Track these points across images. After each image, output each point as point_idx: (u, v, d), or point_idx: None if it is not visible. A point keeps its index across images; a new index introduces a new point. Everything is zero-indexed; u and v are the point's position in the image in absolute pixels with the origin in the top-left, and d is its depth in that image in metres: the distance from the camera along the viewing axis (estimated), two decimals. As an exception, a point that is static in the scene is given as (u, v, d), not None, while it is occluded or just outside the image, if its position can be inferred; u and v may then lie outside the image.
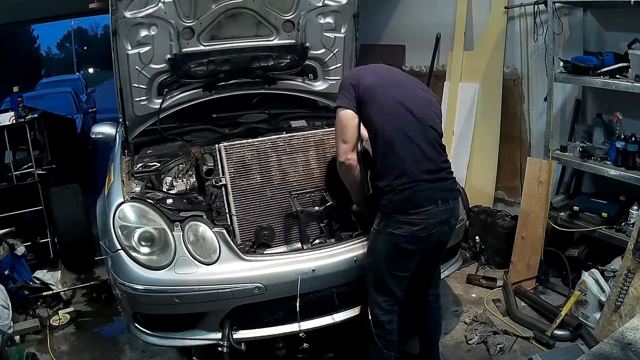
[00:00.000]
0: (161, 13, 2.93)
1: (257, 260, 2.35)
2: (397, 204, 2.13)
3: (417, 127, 2.16)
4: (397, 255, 2.18)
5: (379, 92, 2.20)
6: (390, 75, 2.31)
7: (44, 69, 26.30)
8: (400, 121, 2.15)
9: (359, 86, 2.21)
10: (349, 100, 2.21)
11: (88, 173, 5.84)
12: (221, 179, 2.57)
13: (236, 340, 2.31)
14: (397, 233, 2.12)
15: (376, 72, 2.33)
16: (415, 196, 2.11)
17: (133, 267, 2.25)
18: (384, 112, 2.17)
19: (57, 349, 3.04)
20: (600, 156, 3.10)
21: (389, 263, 2.19)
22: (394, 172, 2.13)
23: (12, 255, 3.54)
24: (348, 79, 2.31)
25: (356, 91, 2.21)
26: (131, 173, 2.71)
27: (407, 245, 2.14)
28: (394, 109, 2.17)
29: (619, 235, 2.95)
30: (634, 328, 1.69)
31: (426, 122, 2.19)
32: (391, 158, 2.14)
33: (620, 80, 2.88)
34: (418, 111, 2.18)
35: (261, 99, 3.69)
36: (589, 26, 3.32)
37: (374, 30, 5.24)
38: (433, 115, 2.25)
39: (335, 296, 2.42)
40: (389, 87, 2.23)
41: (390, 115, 2.16)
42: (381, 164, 2.18)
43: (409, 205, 2.11)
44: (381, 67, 2.38)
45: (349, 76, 2.36)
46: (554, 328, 2.84)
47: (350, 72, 2.33)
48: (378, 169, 2.20)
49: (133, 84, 3.09)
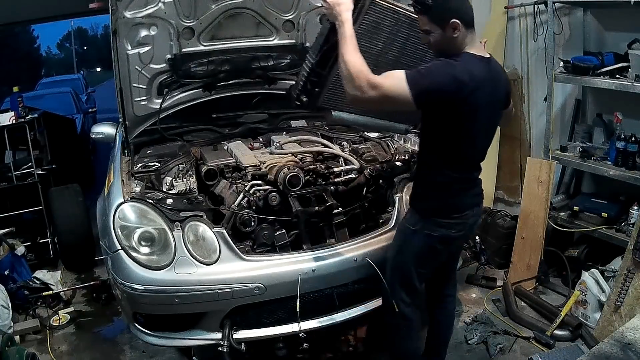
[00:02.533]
0: (161, 13, 2.93)
1: (257, 260, 2.35)
2: (443, 207, 2.07)
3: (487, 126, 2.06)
4: (428, 256, 2.16)
5: (477, 117, 1.99)
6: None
7: (44, 69, 26.30)
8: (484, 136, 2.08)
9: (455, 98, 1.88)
10: (427, 99, 1.86)
11: (88, 173, 5.84)
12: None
13: (236, 340, 2.30)
14: (434, 235, 2.08)
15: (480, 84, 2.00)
16: (461, 201, 2.08)
17: (133, 267, 2.25)
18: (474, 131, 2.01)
19: (57, 349, 3.04)
20: (600, 156, 3.10)
21: (419, 262, 2.17)
22: (458, 168, 2.03)
23: (12, 255, 3.53)
24: (462, 77, 1.86)
25: (446, 97, 1.87)
26: (131, 173, 2.71)
27: (441, 246, 2.12)
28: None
29: (619, 235, 2.95)
30: (634, 328, 1.69)
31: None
32: (458, 161, 2.03)
33: (620, 80, 2.89)
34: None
35: (261, 99, 3.69)
36: (589, 26, 3.32)
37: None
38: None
39: (335, 296, 2.42)
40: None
41: (479, 131, 2.03)
42: (454, 153, 2.01)
43: (454, 209, 2.07)
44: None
45: (464, 76, 1.87)
46: (554, 328, 2.84)
47: (465, 70, 1.87)
48: (443, 155, 2.02)
49: (133, 84, 3.09)
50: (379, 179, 2.79)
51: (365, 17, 1.99)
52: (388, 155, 3.03)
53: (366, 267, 2.40)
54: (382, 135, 3.29)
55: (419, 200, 2.16)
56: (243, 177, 2.74)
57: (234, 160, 2.90)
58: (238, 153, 2.95)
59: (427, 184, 2.12)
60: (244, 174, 2.75)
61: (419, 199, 2.15)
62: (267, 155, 2.92)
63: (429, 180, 2.10)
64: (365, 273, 2.43)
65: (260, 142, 3.20)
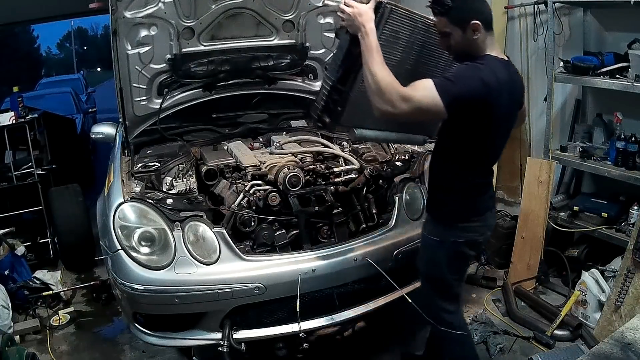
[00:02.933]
0: (161, 13, 2.93)
1: (257, 260, 2.35)
2: (463, 211, 2.04)
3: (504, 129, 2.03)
4: (460, 262, 2.15)
5: (501, 123, 1.98)
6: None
7: (44, 69, 26.33)
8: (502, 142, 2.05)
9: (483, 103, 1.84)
10: (457, 106, 1.79)
11: (88, 173, 5.84)
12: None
13: (236, 340, 2.30)
14: (460, 241, 2.05)
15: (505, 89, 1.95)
16: (481, 204, 2.07)
17: (133, 267, 2.25)
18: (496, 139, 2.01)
19: (57, 349, 3.04)
20: (600, 156, 3.10)
21: (452, 270, 2.14)
22: (478, 171, 2.02)
23: (12, 255, 3.53)
24: (489, 81, 1.81)
25: (476, 102, 1.83)
26: (131, 173, 2.71)
27: (469, 250, 2.10)
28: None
29: (619, 235, 2.95)
30: (634, 328, 1.69)
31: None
32: (479, 163, 2.01)
33: (620, 80, 2.88)
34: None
35: (261, 99, 3.69)
36: (589, 26, 3.32)
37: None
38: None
39: (335, 296, 2.42)
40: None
41: (501, 138, 2.03)
42: (475, 157, 1.98)
43: (474, 212, 2.05)
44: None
45: (491, 79, 1.81)
46: (554, 328, 2.84)
47: (491, 72, 1.82)
48: (463, 160, 1.98)
49: (133, 84, 3.09)
50: (379, 179, 2.79)
51: (386, 27, 1.93)
52: (388, 155, 3.03)
53: (366, 267, 2.41)
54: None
55: (438, 208, 2.12)
56: (243, 177, 2.74)
57: (234, 160, 2.91)
58: (238, 153, 2.95)
59: (445, 191, 2.07)
60: (244, 174, 2.76)
61: (438, 207, 2.12)
62: (267, 155, 2.92)
63: (447, 186, 2.06)
64: (365, 273, 2.43)
65: (260, 142, 3.20)
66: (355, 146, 3.15)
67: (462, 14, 1.81)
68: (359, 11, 1.83)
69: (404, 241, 2.53)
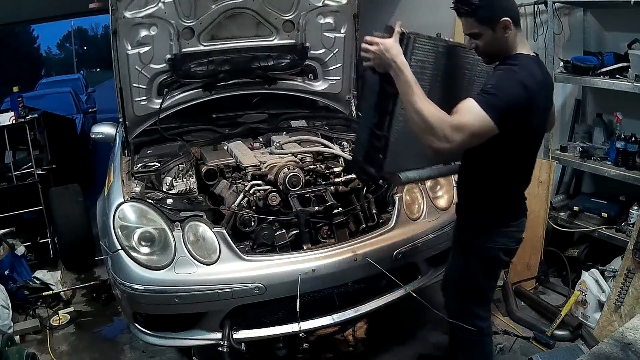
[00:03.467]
0: (161, 13, 2.93)
1: (257, 260, 2.35)
2: (499, 217, 1.98)
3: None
4: (494, 266, 2.11)
5: (539, 124, 1.92)
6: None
7: (44, 69, 26.31)
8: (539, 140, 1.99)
9: (527, 106, 1.76)
10: (504, 119, 1.68)
11: (88, 173, 5.84)
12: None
13: (236, 340, 2.30)
14: (495, 246, 2.00)
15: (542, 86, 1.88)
16: (516, 209, 2.02)
17: (133, 267, 2.25)
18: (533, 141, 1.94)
19: (57, 349, 3.04)
20: (600, 156, 3.10)
21: (487, 275, 2.11)
22: (514, 177, 1.95)
23: (12, 255, 3.54)
24: (530, 85, 1.72)
25: (520, 107, 1.73)
26: (131, 173, 2.71)
27: (504, 256, 2.06)
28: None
29: (619, 235, 2.95)
30: (634, 328, 1.69)
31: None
32: (521, 168, 1.95)
33: (620, 80, 2.88)
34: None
35: (261, 99, 3.69)
36: (589, 26, 3.32)
37: (374, 30, 5.23)
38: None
39: (335, 296, 2.42)
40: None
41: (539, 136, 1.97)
42: (513, 163, 1.89)
43: (511, 218, 2.00)
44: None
45: (530, 81, 1.73)
46: (554, 328, 2.84)
47: (529, 73, 1.74)
48: (503, 168, 1.89)
49: (133, 84, 3.09)
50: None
51: (412, 58, 1.77)
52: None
53: (366, 267, 2.40)
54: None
55: (472, 215, 2.06)
56: (243, 177, 2.74)
57: (234, 160, 2.91)
58: (238, 153, 2.95)
59: (480, 198, 2.00)
60: (244, 174, 2.76)
61: (473, 214, 2.05)
62: (267, 155, 2.92)
63: (482, 193, 1.98)
64: (365, 273, 2.43)
65: (260, 142, 3.20)
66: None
67: (490, 12, 1.71)
68: (386, 46, 1.68)
69: (404, 241, 2.53)
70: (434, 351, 2.81)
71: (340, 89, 3.72)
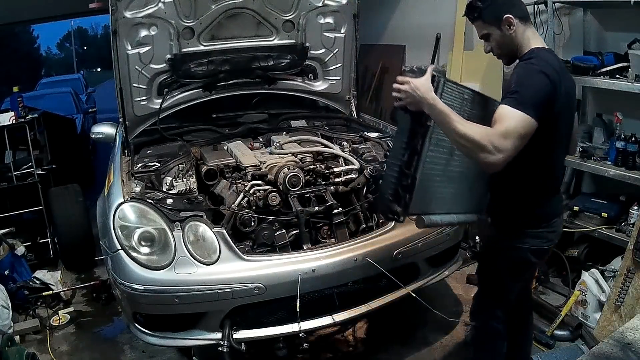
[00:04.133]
0: (161, 13, 2.93)
1: (257, 260, 2.35)
2: (532, 217, 1.95)
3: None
4: (522, 269, 2.09)
5: (568, 107, 1.89)
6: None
7: (44, 69, 26.33)
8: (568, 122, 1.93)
9: (555, 94, 1.76)
10: (542, 111, 1.70)
11: (88, 173, 5.84)
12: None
13: (236, 340, 2.30)
14: (524, 247, 1.96)
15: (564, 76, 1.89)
16: (549, 209, 1.98)
17: (133, 267, 2.25)
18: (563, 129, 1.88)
19: (57, 349, 3.03)
20: (600, 156, 3.10)
21: (514, 277, 2.08)
22: (547, 180, 1.93)
23: (12, 255, 3.53)
24: (552, 75, 1.74)
25: (550, 98, 1.74)
26: (131, 173, 2.71)
27: (534, 258, 2.02)
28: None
29: (619, 235, 2.95)
30: (634, 328, 1.69)
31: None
32: (548, 163, 1.90)
33: (620, 80, 2.89)
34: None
35: (261, 99, 3.69)
36: (589, 26, 3.32)
37: (374, 30, 5.24)
38: None
39: (335, 296, 2.42)
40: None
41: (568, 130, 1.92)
42: (544, 159, 1.87)
43: (543, 219, 1.96)
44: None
45: (551, 71, 1.75)
46: (554, 328, 2.84)
47: (548, 64, 1.76)
48: (527, 174, 1.88)
49: (133, 84, 3.09)
50: (379, 179, 2.79)
51: (442, 99, 1.80)
52: (388, 155, 3.03)
53: (366, 267, 2.40)
54: (382, 135, 3.29)
55: (502, 212, 2.02)
56: (243, 177, 2.74)
57: (234, 160, 2.90)
58: (238, 153, 2.95)
59: (511, 198, 1.97)
60: (244, 174, 2.75)
61: (503, 211, 2.02)
62: (267, 155, 2.92)
63: (513, 193, 1.96)
64: (365, 273, 2.43)
65: (260, 142, 3.20)
66: (355, 146, 3.15)
67: (493, 11, 1.81)
68: (416, 85, 1.72)
69: (403, 241, 2.52)
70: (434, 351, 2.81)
71: (340, 89, 3.72)
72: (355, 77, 3.71)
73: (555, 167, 1.97)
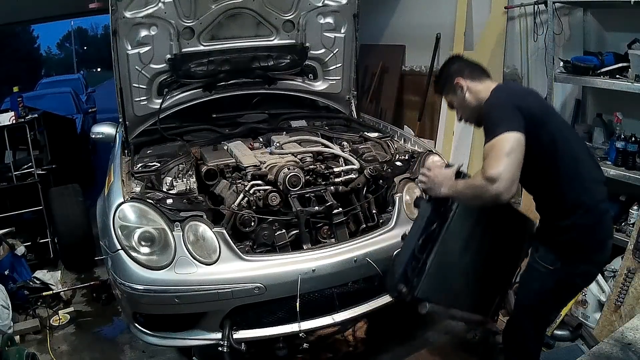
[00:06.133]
0: (161, 13, 2.93)
1: (257, 260, 2.35)
2: (583, 244, 1.87)
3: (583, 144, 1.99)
4: (568, 294, 2.07)
5: (551, 112, 1.96)
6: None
7: (44, 69, 26.32)
8: (577, 138, 1.96)
9: (526, 108, 1.81)
10: (519, 123, 1.75)
11: (88, 173, 5.84)
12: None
13: (236, 340, 2.30)
14: (576, 272, 1.91)
15: (526, 92, 2.10)
16: (601, 232, 1.89)
17: (133, 267, 2.25)
18: (564, 131, 1.90)
19: (57, 349, 3.03)
20: (600, 156, 3.10)
21: (558, 301, 2.06)
22: (581, 204, 1.84)
23: (12, 255, 3.53)
24: (507, 99, 1.85)
25: (523, 112, 1.78)
26: (131, 173, 2.71)
27: (582, 282, 2.02)
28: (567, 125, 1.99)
29: (619, 235, 2.95)
30: (634, 328, 1.69)
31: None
32: (577, 184, 1.84)
33: (620, 80, 2.89)
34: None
35: (261, 99, 3.69)
36: (589, 26, 3.32)
37: (374, 30, 5.24)
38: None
39: (335, 296, 2.42)
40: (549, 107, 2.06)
41: (570, 133, 1.94)
42: (565, 192, 1.85)
43: (596, 245, 1.89)
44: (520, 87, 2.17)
45: (504, 97, 1.87)
46: (554, 328, 2.84)
47: (501, 93, 1.89)
48: (558, 199, 1.87)
49: (133, 84, 3.09)
50: (379, 179, 2.79)
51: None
52: (388, 155, 3.03)
53: (366, 267, 2.40)
54: (382, 135, 3.30)
55: (553, 236, 1.93)
56: (243, 177, 2.74)
57: (234, 160, 2.90)
58: (238, 153, 2.95)
59: (557, 224, 1.91)
60: (244, 174, 2.75)
61: (554, 235, 1.93)
62: (267, 155, 2.92)
63: (557, 220, 1.90)
64: (365, 273, 2.43)
65: (260, 142, 3.20)
66: (355, 146, 3.15)
67: (445, 81, 2.01)
68: (437, 173, 1.92)
69: (404, 241, 2.52)
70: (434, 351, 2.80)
71: (340, 89, 3.72)
72: (355, 77, 3.71)
73: (585, 179, 1.87)
